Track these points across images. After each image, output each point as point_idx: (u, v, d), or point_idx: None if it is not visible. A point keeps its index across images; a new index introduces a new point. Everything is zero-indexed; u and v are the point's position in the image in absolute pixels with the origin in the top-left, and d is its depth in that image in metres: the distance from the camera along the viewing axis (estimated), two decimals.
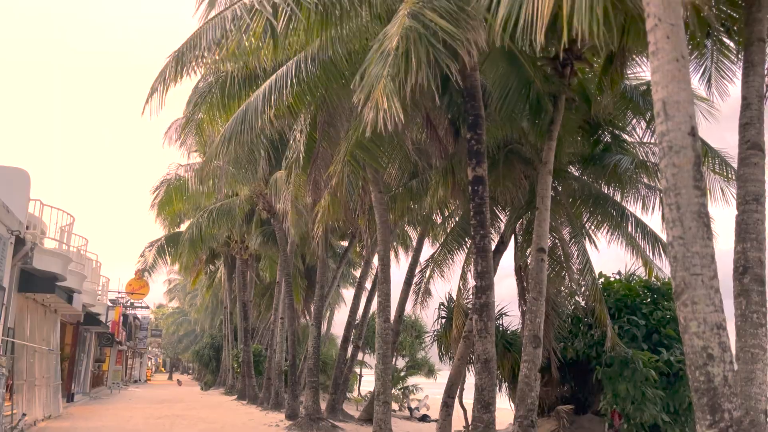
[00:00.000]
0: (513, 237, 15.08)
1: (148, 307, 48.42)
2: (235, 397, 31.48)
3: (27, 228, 14.52)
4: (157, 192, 25.49)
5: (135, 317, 48.10)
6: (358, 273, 27.22)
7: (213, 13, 10.74)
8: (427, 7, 7.11)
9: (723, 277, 6.51)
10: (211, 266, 37.38)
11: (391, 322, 15.16)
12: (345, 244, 26.08)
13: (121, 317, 36.42)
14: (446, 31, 6.95)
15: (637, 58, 11.69)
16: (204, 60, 9.26)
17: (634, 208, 14.47)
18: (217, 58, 9.48)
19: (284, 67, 10.44)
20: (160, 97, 9.45)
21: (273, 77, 10.51)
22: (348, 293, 34.74)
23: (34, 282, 15.26)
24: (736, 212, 6.75)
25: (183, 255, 25.34)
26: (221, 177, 14.44)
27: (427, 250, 21.84)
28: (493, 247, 14.27)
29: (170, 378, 72.51)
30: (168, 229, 29.37)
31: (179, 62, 9.26)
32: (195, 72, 9.62)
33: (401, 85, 6.68)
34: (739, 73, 8.32)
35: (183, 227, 29.60)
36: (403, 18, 6.92)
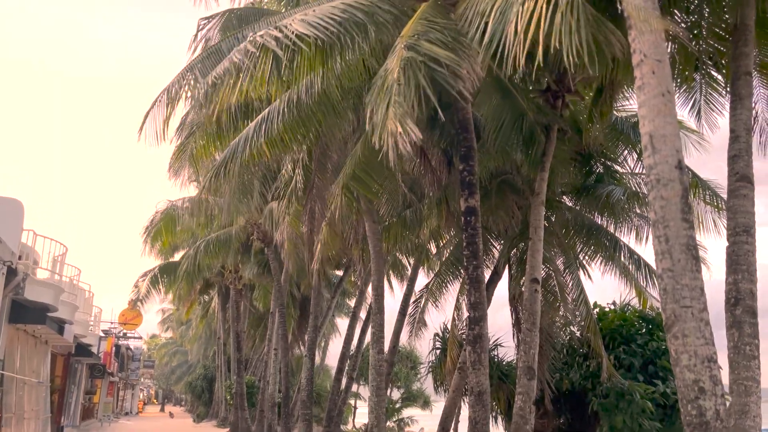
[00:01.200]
0: (507, 267, 15.08)
1: (141, 338, 47.94)
2: (228, 429, 31.01)
3: (20, 258, 14.46)
4: (148, 229, 25.44)
5: (128, 348, 47.59)
6: (353, 303, 27.07)
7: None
8: (422, 38, 7.22)
9: (717, 308, 6.52)
10: (205, 296, 37.14)
11: (386, 353, 15.04)
12: (340, 273, 25.99)
13: (114, 348, 36.05)
14: (444, 59, 7.02)
15: (627, 91, 11.86)
16: (215, 93, 9.17)
17: (627, 238, 14.55)
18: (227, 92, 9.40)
19: (278, 100, 10.52)
20: (161, 126, 9.38)
21: (267, 110, 10.59)
22: (343, 323, 34.50)
23: (25, 313, 15.14)
24: (726, 243, 6.79)
25: (179, 285, 25.20)
26: (215, 205, 14.45)
27: (422, 279, 21.83)
28: (487, 278, 14.29)
29: (162, 410, 71.45)
30: (162, 258, 29.24)
31: (177, 93, 9.23)
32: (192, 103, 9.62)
33: (411, 108, 6.68)
34: (727, 106, 8.46)
35: (177, 256, 29.49)
36: (400, 51, 7.02)
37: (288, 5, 13.87)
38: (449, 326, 15.54)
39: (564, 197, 14.92)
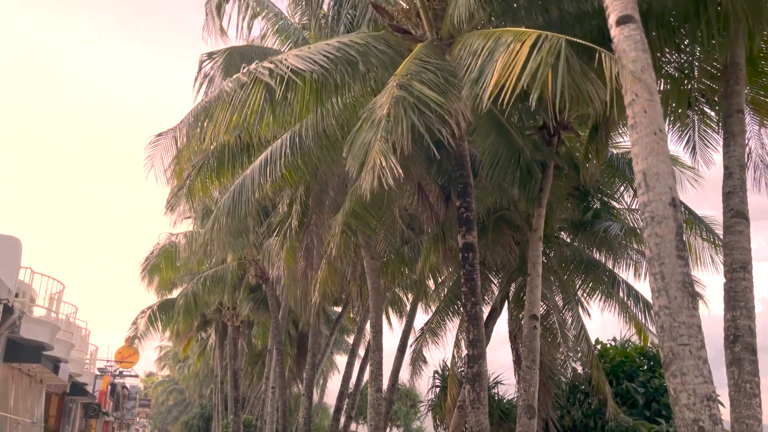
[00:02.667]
0: (506, 302, 15.01)
1: (137, 376, 47.30)
2: None
3: (16, 296, 14.38)
4: (147, 262, 25.36)
5: (123, 386, 46.86)
6: (351, 339, 26.81)
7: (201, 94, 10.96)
8: (415, 79, 7.34)
9: (718, 344, 6.47)
10: (202, 333, 36.82)
11: (385, 391, 14.85)
12: (338, 309, 25.82)
13: (109, 386, 35.52)
14: (434, 100, 7.16)
15: (622, 128, 11.98)
16: (209, 130, 9.26)
17: (626, 274, 14.50)
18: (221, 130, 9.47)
19: (279, 140, 10.63)
20: (165, 167, 9.39)
21: (268, 150, 10.68)
22: (342, 360, 34.13)
23: (21, 351, 14.97)
24: (724, 280, 6.78)
25: (177, 322, 25.00)
26: (218, 247, 14.45)
27: (422, 316, 21.67)
28: (486, 314, 14.21)
29: None
30: (160, 295, 29.08)
31: (183, 134, 9.26)
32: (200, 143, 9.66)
33: (394, 146, 6.80)
34: (722, 142, 8.52)
35: (175, 293, 29.31)
36: (392, 89, 7.15)
37: (290, 44, 14.08)
38: (449, 363, 15.40)
39: (562, 233, 14.93)
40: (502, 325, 15.80)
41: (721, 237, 9.09)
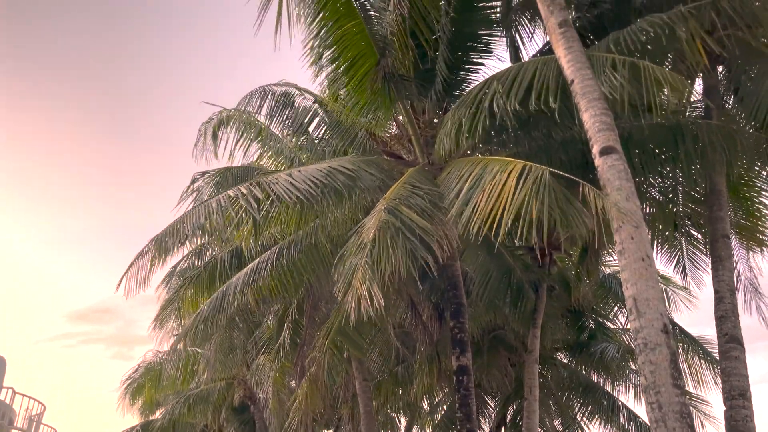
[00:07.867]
0: (504, 427, 14.43)
1: None
2: None
3: None
4: (130, 380, 24.51)
5: None
6: None
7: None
8: (403, 203, 7.50)
9: None
10: None
11: None
12: None
13: None
14: (420, 226, 7.28)
15: (611, 248, 12.11)
16: (187, 242, 9.38)
17: (625, 398, 14.03)
18: (200, 241, 9.62)
19: (267, 252, 10.63)
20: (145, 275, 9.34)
21: (255, 262, 10.66)
22: None
23: None
24: (723, 408, 6.60)
25: None
26: (208, 363, 14.07)
27: None
28: None
29: None
30: (143, 416, 27.84)
31: (161, 245, 9.30)
32: (175, 254, 9.69)
33: (380, 273, 6.84)
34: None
35: (159, 414, 28.08)
36: (380, 213, 7.29)
37: (284, 165, 14.45)
38: None
39: (558, 354, 14.65)
40: None
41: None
